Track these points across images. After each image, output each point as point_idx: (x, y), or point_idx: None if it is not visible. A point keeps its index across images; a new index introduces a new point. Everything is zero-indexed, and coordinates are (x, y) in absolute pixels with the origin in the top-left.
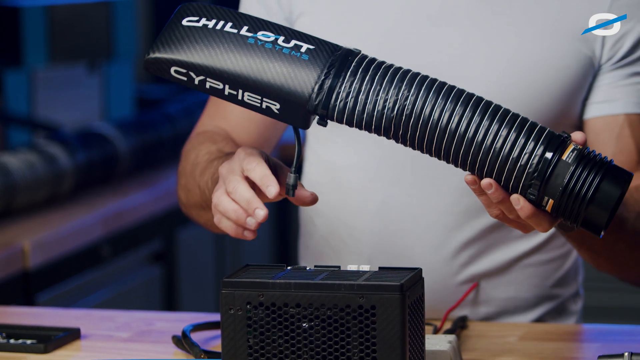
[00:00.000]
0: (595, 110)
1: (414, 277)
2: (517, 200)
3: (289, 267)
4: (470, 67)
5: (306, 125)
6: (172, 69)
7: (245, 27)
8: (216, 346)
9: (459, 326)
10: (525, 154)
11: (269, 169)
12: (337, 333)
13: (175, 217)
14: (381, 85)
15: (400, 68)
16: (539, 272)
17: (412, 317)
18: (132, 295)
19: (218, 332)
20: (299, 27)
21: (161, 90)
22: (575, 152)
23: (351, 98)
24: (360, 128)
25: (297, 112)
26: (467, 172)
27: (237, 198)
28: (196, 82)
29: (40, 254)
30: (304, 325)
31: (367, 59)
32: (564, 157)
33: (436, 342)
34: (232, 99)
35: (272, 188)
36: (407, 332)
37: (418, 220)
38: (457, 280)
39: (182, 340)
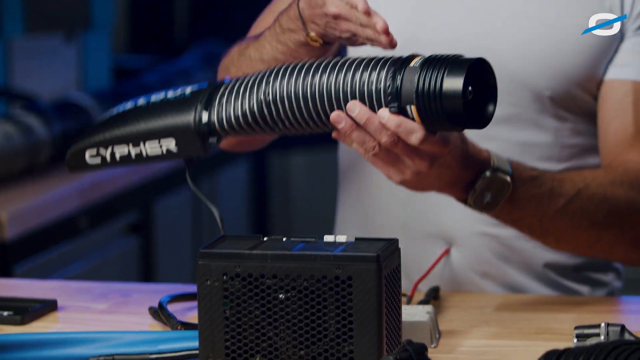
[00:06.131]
0: (609, 72)
1: (390, 247)
2: (383, 113)
3: (265, 238)
4: (503, 25)
5: (205, 150)
6: (87, 154)
7: (142, 99)
8: (193, 317)
9: (432, 297)
10: (379, 80)
11: None
12: (314, 304)
13: (152, 188)
14: (253, 81)
15: (270, 69)
16: None
17: (389, 288)
18: (109, 266)
19: (195, 303)
20: None
21: (138, 60)
22: (422, 58)
23: (227, 100)
24: (243, 127)
25: (190, 137)
26: (335, 113)
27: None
28: (107, 157)
29: (17, 225)
30: (280, 296)
31: (241, 78)
32: (410, 65)
33: (414, 312)
34: (138, 158)
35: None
36: (384, 302)
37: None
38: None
39: (159, 312)
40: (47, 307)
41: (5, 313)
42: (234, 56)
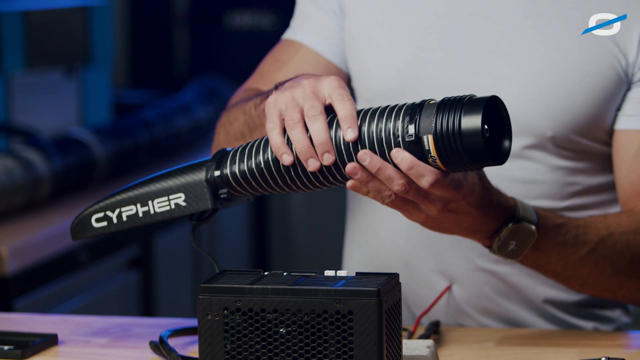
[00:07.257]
0: (622, 122)
1: (391, 282)
2: (397, 153)
3: (266, 273)
4: (506, 65)
5: (215, 203)
6: (93, 218)
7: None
8: (194, 352)
9: (432, 331)
10: (397, 122)
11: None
12: (314, 339)
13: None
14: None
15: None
16: None
17: (389, 322)
18: (110, 300)
19: (195, 337)
20: (348, 22)
21: (138, 95)
22: (437, 101)
23: (240, 155)
24: (257, 178)
25: (200, 191)
26: (351, 165)
27: (312, 132)
28: (114, 219)
29: (17, 260)
30: (281, 330)
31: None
32: (428, 104)
33: (415, 347)
34: (145, 217)
35: (351, 132)
36: (384, 337)
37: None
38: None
39: (160, 346)
40: (48, 341)
41: (6, 347)
42: (224, 117)
